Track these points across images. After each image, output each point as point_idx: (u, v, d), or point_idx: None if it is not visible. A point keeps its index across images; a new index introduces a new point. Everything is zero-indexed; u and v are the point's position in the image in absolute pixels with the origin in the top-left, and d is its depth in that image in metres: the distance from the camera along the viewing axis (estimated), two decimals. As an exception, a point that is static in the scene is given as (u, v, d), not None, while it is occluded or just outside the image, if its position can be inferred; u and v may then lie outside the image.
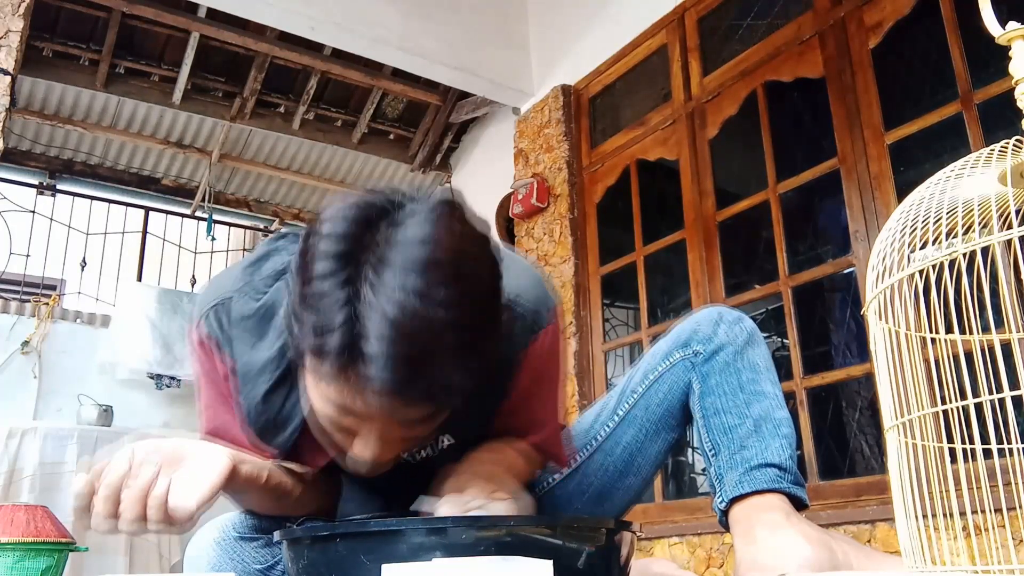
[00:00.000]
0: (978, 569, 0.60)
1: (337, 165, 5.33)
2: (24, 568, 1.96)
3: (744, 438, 1.05)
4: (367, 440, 0.78)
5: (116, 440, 3.69)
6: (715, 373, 1.09)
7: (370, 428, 0.78)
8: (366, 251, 0.70)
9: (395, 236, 0.70)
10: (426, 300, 0.67)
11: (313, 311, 0.70)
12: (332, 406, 0.76)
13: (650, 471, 1.17)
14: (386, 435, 0.78)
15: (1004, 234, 0.58)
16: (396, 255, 0.69)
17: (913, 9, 2.58)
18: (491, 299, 0.75)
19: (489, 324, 0.75)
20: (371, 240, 0.70)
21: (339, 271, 0.70)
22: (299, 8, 3.51)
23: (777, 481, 1.02)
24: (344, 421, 0.78)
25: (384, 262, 0.69)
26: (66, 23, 4.28)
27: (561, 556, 0.68)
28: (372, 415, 0.74)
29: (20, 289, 4.41)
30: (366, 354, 0.68)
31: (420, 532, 0.67)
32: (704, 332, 1.11)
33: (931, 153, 2.69)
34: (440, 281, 0.68)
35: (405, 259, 0.69)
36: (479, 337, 0.72)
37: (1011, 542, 1.73)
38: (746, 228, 3.34)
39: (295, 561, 0.73)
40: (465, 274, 0.71)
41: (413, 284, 0.67)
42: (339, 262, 0.70)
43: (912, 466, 0.65)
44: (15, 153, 4.72)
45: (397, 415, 0.74)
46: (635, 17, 3.61)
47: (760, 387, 1.08)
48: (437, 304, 0.68)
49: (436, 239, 0.70)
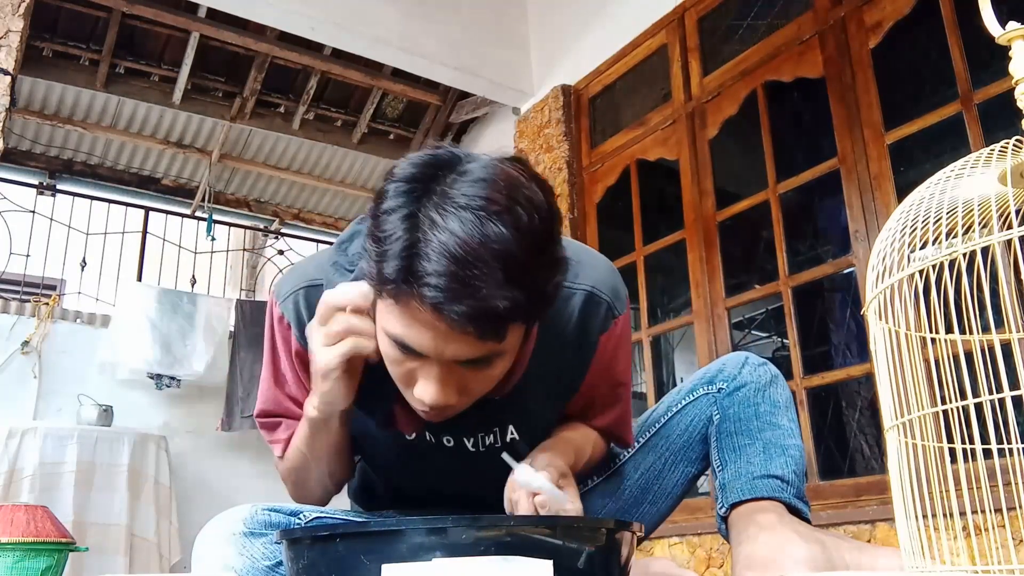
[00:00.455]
0: (978, 569, 0.60)
1: (337, 165, 5.33)
2: (24, 568, 1.96)
3: (752, 456, 1.08)
4: (428, 380, 0.82)
5: (116, 440, 3.69)
6: (735, 405, 1.12)
7: (427, 368, 0.81)
8: (429, 191, 0.76)
9: (457, 179, 0.76)
10: (480, 230, 0.72)
11: (378, 243, 0.76)
12: (391, 343, 0.81)
13: (665, 503, 1.18)
14: (445, 376, 0.81)
15: (1004, 234, 0.58)
16: (456, 192, 0.74)
17: (913, 9, 2.58)
18: (547, 239, 0.78)
19: (543, 261, 0.78)
20: (435, 182, 0.76)
21: (403, 207, 0.75)
22: (299, 8, 3.51)
23: (779, 491, 1.04)
24: (404, 364, 0.82)
25: (445, 198, 0.74)
26: (66, 23, 4.28)
27: (561, 556, 0.68)
28: (425, 344, 0.78)
29: (20, 289, 4.41)
30: (420, 274, 0.73)
31: (420, 532, 0.67)
32: (729, 372, 1.15)
33: (931, 153, 2.70)
34: (495, 214, 0.73)
35: (464, 195, 0.74)
36: (532, 270, 0.75)
37: (1011, 542, 1.73)
38: (746, 228, 3.34)
39: (295, 561, 0.73)
40: (520, 212, 0.74)
41: (470, 216, 0.73)
42: (404, 198, 0.76)
43: (912, 466, 0.65)
44: (15, 153, 4.73)
45: (448, 344, 0.77)
46: (635, 17, 3.61)
47: (775, 419, 1.11)
48: (491, 234, 0.72)
49: (494, 180, 0.75)
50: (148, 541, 3.64)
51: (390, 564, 0.62)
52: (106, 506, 3.56)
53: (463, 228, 0.72)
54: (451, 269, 0.72)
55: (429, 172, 0.77)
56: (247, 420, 4.24)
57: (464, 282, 0.72)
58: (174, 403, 4.27)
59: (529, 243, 0.75)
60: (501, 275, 0.73)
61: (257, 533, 0.95)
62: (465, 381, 0.84)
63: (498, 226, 0.73)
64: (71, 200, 4.78)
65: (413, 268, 0.73)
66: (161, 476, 3.82)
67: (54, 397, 3.96)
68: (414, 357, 0.81)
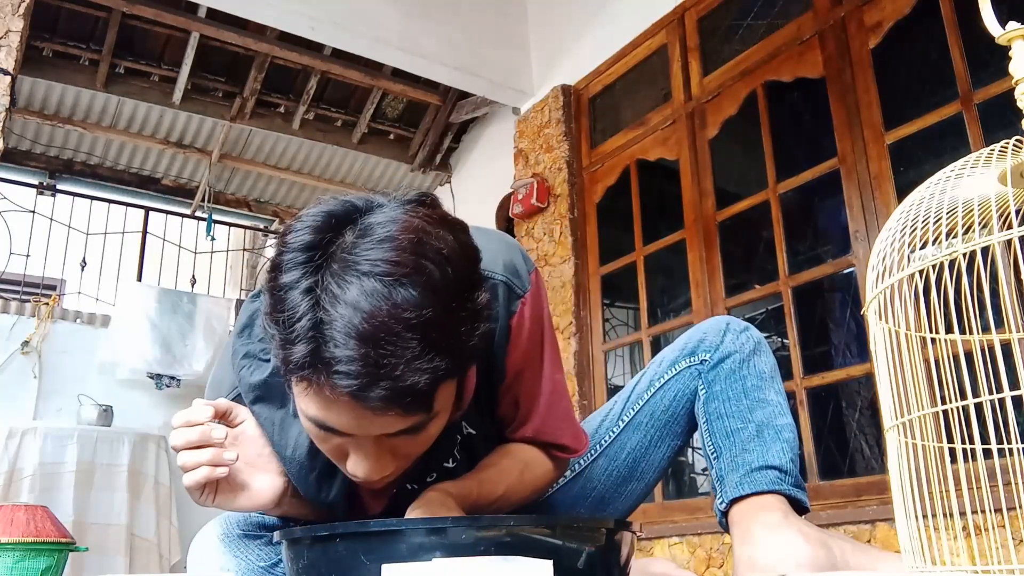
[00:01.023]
0: (978, 569, 0.60)
1: (337, 165, 5.33)
2: (24, 568, 1.96)
3: (746, 441, 1.05)
4: (358, 457, 0.77)
5: (116, 440, 3.69)
6: (720, 380, 1.09)
7: (357, 444, 0.76)
8: (328, 257, 0.68)
9: (357, 241, 0.68)
10: (388, 300, 0.65)
11: (280, 326, 0.69)
12: (313, 425, 0.74)
13: (653, 477, 1.18)
14: (377, 449, 0.77)
15: (1004, 234, 0.58)
16: (357, 257, 0.67)
17: (913, 9, 2.58)
18: (464, 289, 0.71)
19: (463, 315, 0.70)
20: (333, 246, 0.69)
21: (301, 280, 0.68)
22: (299, 8, 3.51)
23: (777, 483, 1.02)
24: (330, 440, 0.76)
25: (345, 265, 0.67)
26: (66, 23, 4.28)
27: (561, 556, 0.68)
28: (348, 426, 0.72)
29: (20, 289, 4.41)
30: (329, 360, 0.66)
31: (420, 532, 0.67)
32: (711, 341, 1.12)
33: (931, 153, 2.70)
34: (403, 277, 0.66)
35: (367, 260, 0.67)
36: (452, 330, 0.69)
37: (1011, 542, 1.73)
38: (746, 228, 3.34)
39: (294, 561, 0.73)
40: (431, 269, 0.68)
41: (373, 285, 0.66)
42: (301, 270, 0.69)
43: (912, 466, 0.65)
44: (15, 153, 4.73)
45: (372, 425, 0.72)
46: (635, 17, 3.61)
47: (764, 394, 1.09)
48: (400, 302, 0.66)
49: (397, 238, 0.68)
50: (148, 541, 3.64)
51: (390, 564, 0.62)
52: (106, 506, 3.56)
53: (369, 300, 0.65)
54: (361, 351, 0.65)
55: (326, 236, 0.70)
56: (247, 420, 4.24)
57: (377, 364, 0.65)
58: (174, 403, 4.27)
59: (444, 301, 0.68)
60: (418, 346, 0.66)
61: (252, 535, 0.95)
62: (400, 448, 0.78)
63: (407, 290, 0.66)
64: (71, 200, 4.78)
65: (321, 355, 0.66)
66: (161, 476, 3.82)
67: (54, 397, 3.96)
68: (338, 435, 0.75)
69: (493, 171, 4.60)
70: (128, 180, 5.19)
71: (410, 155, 5.23)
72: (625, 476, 1.16)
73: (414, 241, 0.68)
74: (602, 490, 1.16)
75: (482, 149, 4.98)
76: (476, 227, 0.84)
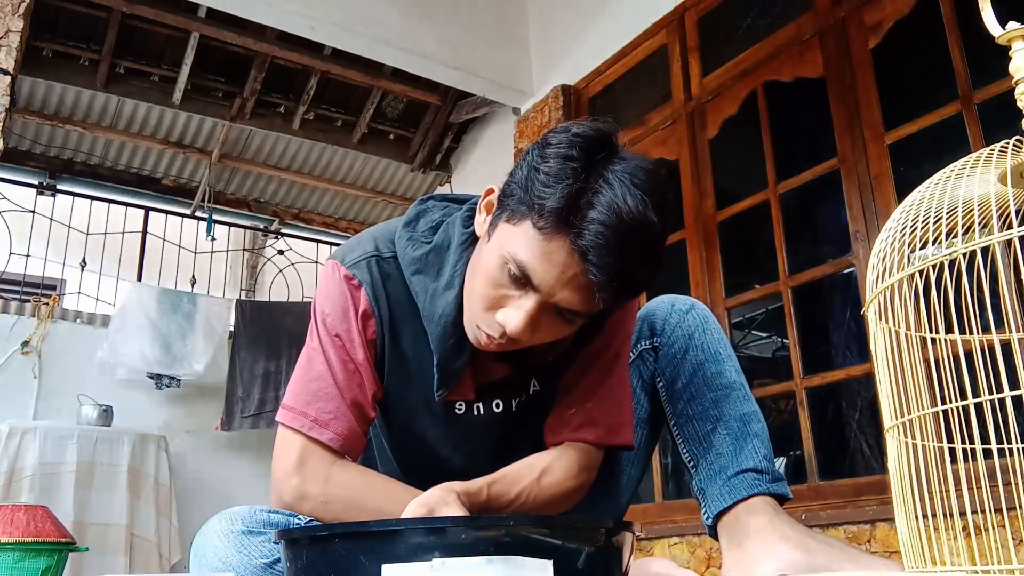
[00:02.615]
0: (978, 569, 0.60)
1: (337, 165, 5.33)
2: (24, 568, 1.96)
3: (719, 445, 1.07)
4: (519, 311, 0.86)
5: (116, 440, 3.69)
6: (680, 375, 1.11)
7: (526, 300, 0.86)
8: (606, 156, 0.84)
9: (625, 158, 0.86)
10: (643, 208, 0.81)
11: (543, 176, 0.83)
12: (511, 266, 0.85)
13: (633, 469, 1.18)
14: (536, 313, 0.86)
15: (1004, 234, 0.58)
16: (628, 167, 0.84)
17: (913, 9, 2.58)
18: (667, 236, 0.88)
19: (663, 255, 0.87)
20: (608, 150, 0.85)
21: (580, 159, 0.83)
22: (299, 8, 3.51)
23: (756, 485, 1.04)
24: (505, 289, 0.87)
25: (619, 168, 0.83)
26: (66, 23, 4.28)
27: (560, 556, 0.68)
28: (546, 279, 0.83)
29: (20, 289, 4.41)
30: (582, 218, 0.80)
31: (419, 532, 0.66)
32: (658, 325, 1.14)
33: (931, 153, 2.69)
34: (654, 200, 0.82)
35: (634, 175, 0.83)
36: (658, 261, 0.85)
37: (1011, 542, 1.73)
38: (746, 228, 3.34)
39: (293, 561, 0.73)
40: (665, 208, 0.84)
41: (639, 193, 0.81)
42: (581, 152, 0.83)
43: (912, 466, 0.65)
44: (15, 153, 4.72)
45: (564, 289, 0.83)
46: (635, 17, 3.61)
47: (725, 378, 1.10)
48: (650, 216, 0.81)
49: (655, 172, 0.86)
50: (148, 541, 3.64)
51: (390, 564, 0.62)
52: (106, 506, 3.56)
53: (632, 199, 0.81)
54: (615, 226, 0.80)
55: (604, 141, 0.86)
56: (247, 420, 4.24)
57: (622, 243, 0.80)
58: (174, 403, 4.27)
59: (663, 235, 0.85)
60: (646, 253, 0.82)
61: (255, 531, 0.96)
62: (544, 325, 0.88)
63: (654, 212, 0.82)
64: (71, 200, 4.78)
65: (580, 210, 0.80)
66: (161, 476, 3.82)
67: (54, 397, 3.95)
68: (519, 287, 0.86)
69: (493, 171, 4.60)
70: (128, 180, 5.18)
71: (410, 155, 5.23)
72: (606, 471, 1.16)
73: (661, 183, 0.86)
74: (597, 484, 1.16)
75: (482, 149, 4.98)
76: None
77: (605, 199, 0.80)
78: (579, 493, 1.04)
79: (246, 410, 4.24)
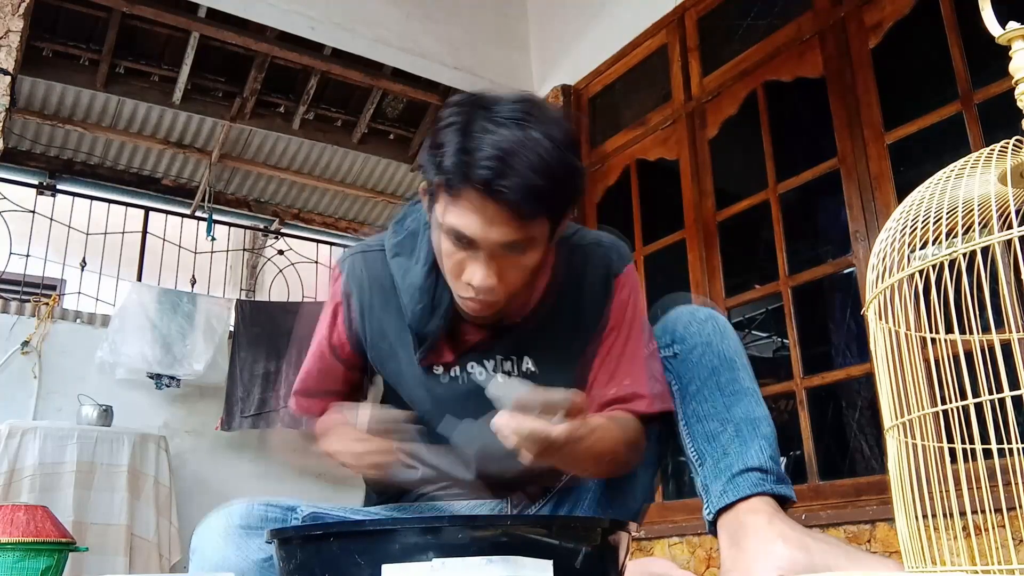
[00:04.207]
0: (978, 569, 0.60)
1: (337, 165, 5.33)
2: (24, 568, 1.96)
3: (727, 444, 1.07)
4: (475, 265, 0.96)
5: (116, 440, 3.69)
6: (695, 378, 1.12)
7: (476, 254, 0.95)
8: (475, 107, 0.94)
9: (499, 100, 0.95)
10: (521, 132, 0.91)
11: (437, 148, 0.94)
12: (449, 237, 0.96)
13: (646, 472, 1.17)
14: (488, 262, 0.95)
15: (1004, 234, 0.58)
16: (501, 109, 0.93)
17: (913, 9, 2.58)
18: (568, 147, 0.95)
19: (567, 162, 0.94)
20: (481, 103, 0.95)
21: (456, 120, 0.94)
22: (299, 8, 3.51)
23: (760, 484, 1.04)
24: (457, 253, 0.97)
25: (491, 112, 0.93)
26: (66, 23, 4.28)
27: (558, 556, 0.67)
28: (476, 228, 0.93)
29: (20, 289, 4.40)
30: (473, 161, 0.90)
31: (415, 531, 0.66)
32: (678, 333, 1.16)
33: (931, 153, 2.69)
34: (532, 122, 0.92)
35: (507, 112, 0.93)
36: (559, 166, 0.92)
37: (1011, 542, 1.73)
38: (746, 228, 3.34)
39: (286, 561, 0.73)
40: (551, 124, 0.93)
41: (513, 125, 0.91)
42: (456, 115, 0.94)
43: (912, 466, 0.65)
44: (15, 153, 4.72)
45: (492, 227, 0.92)
46: (635, 17, 3.61)
47: (739, 384, 1.11)
48: (529, 136, 0.90)
49: (530, 99, 0.96)
50: (148, 541, 3.64)
51: (390, 564, 0.62)
52: (106, 506, 3.56)
53: (508, 131, 0.90)
54: (498, 154, 0.89)
55: (475, 100, 0.96)
56: (247, 420, 4.24)
57: (508, 164, 0.89)
58: (174, 403, 4.27)
59: (556, 146, 0.91)
60: (538, 162, 0.90)
61: (254, 528, 0.96)
62: (504, 268, 0.97)
63: (534, 131, 0.91)
64: (71, 200, 4.77)
65: (467, 155, 0.90)
66: (161, 476, 3.82)
67: (54, 397, 3.95)
68: (464, 246, 0.95)
69: (493, 171, 4.59)
70: (128, 180, 5.18)
71: (410, 155, 5.22)
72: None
73: (540, 105, 0.96)
74: (601, 484, 1.16)
75: (482, 149, 4.97)
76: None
77: (485, 140, 0.90)
78: (630, 456, 1.09)
79: (246, 410, 4.24)
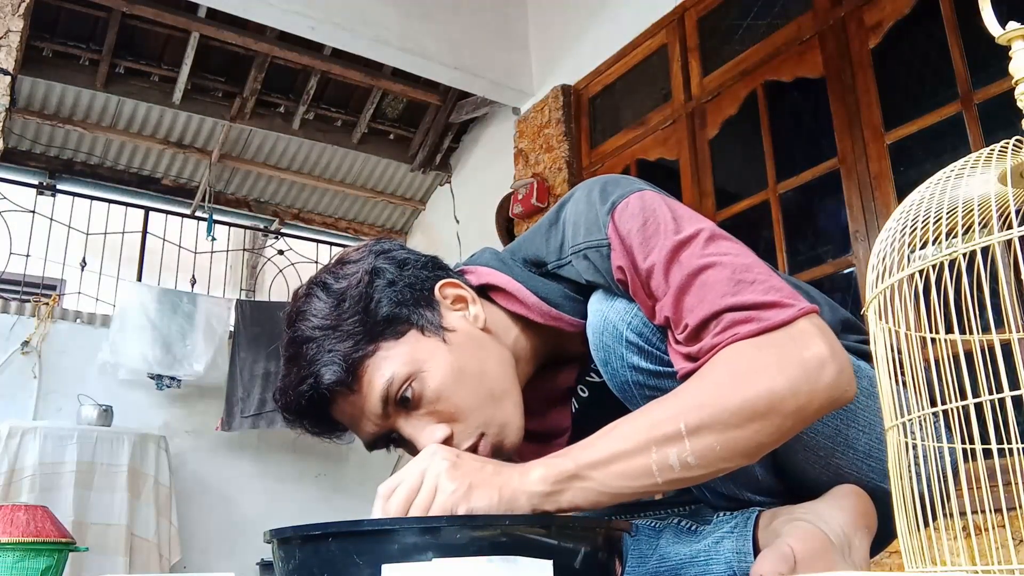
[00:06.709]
0: (978, 569, 0.60)
1: (337, 165, 5.33)
2: (24, 568, 1.96)
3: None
4: (414, 433, 0.89)
5: (116, 440, 3.69)
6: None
7: (401, 427, 0.90)
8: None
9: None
10: (282, 351, 0.93)
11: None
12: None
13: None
14: (410, 422, 0.88)
15: (1004, 234, 0.58)
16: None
17: (913, 9, 2.58)
18: (337, 310, 0.89)
19: (342, 319, 0.88)
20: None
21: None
22: (299, 8, 3.51)
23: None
24: (392, 444, 0.95)
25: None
26: (66, 23, 4.28)
27: (557, 556, 0.67)
28: (356, 429, 0.92)
29: (20, 289, 4.41)
30: (277, 406, 0.93)
31: (413, 531, 0.66)
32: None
33: (931, 153, 2.69)
34: (288, 325, 0.92)
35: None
36: (322, 346, 0.88)
37: (1011, 542, 1.73)
38: (746, 228, 3.34)
39: (285, 561, 0.72)
40: (297, 323, 0.91)
41: (282, 360, 0.93)
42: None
43: (912, 466, 0.65)
44: (15, 153, 4.72)
45: (358, 419, 0.90)
46: (635, 17, 3.61)
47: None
48: (288, 345, 0.91)
49: (289, 306, 0.95)
50: (148, 541, 3.64)
51: (390, 564, 0.61)
52: (106, 506, 3.56)
53: (283, 367, 0.93)
54: (274, 396, 0.92)
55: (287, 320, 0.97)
56: (247, 420, 4.24)
57: (287, 399, 0.90)
58: (174, 403, 4.27)
59: (308, 334, 0.89)
60: (300, 368, 0.88)
61: None
62: (433, 410, 0.88)
63: (289, 350, 0.90)
64: (71, 200, 4.78)
65: (275, 402, 0.93)
66: (161, 476, 3.82)
67: (54, 397, 3.96)
68: (379, 436, 0.92)
69: (493, 171, 4.60)
70: (128, 180, 5.18)
71: (410, 155, 5.23)
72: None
73: (294, 302, 0.94)
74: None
75: (482, 149, 4.98)
76: (577, 193, 0.96)
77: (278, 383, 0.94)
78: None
79: (246, 410, 4.24)
